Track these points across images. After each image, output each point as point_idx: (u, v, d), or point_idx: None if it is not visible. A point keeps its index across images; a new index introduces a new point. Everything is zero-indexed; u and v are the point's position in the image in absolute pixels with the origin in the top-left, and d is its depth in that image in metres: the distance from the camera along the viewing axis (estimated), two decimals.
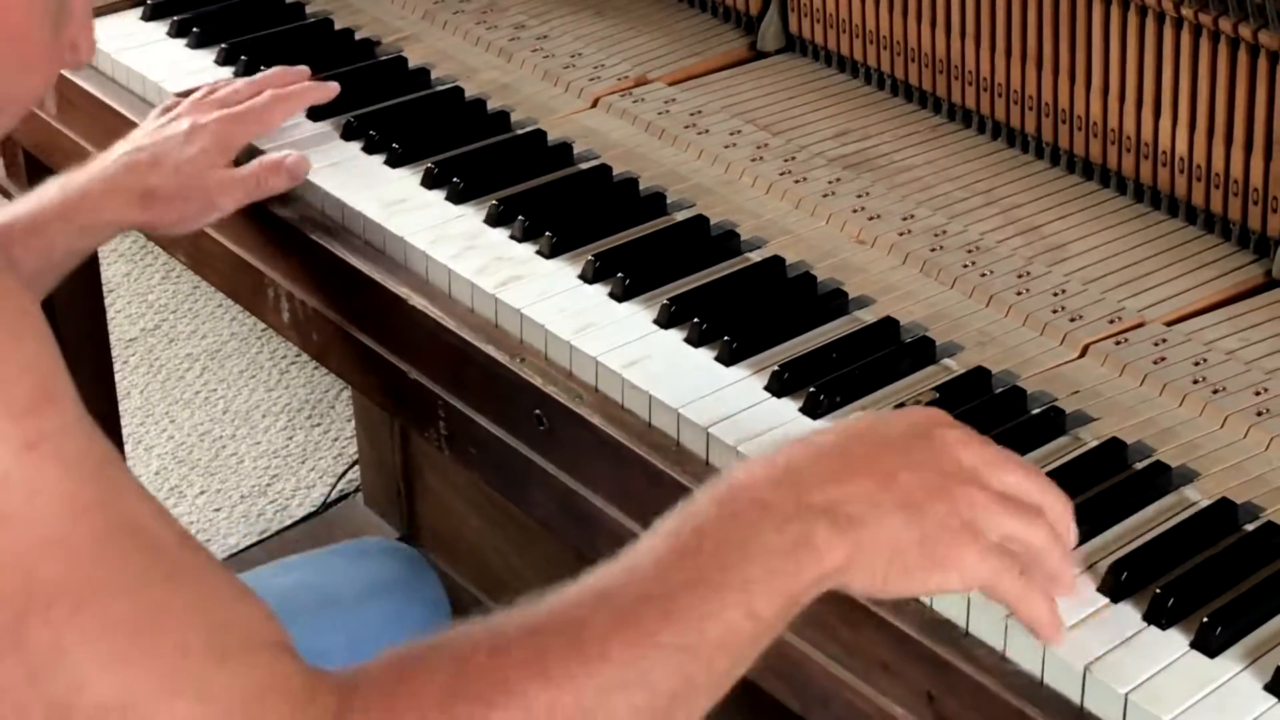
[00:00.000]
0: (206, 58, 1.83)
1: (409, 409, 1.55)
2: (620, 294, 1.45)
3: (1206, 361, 1.36)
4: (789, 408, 1.33)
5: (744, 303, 1.44)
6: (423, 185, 1.61)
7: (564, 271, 1.49)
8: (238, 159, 1.62)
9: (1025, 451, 1.27)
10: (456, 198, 1.59)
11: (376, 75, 1.79)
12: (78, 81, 1.82)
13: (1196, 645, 1.12)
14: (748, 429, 1.30)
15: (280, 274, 1.65)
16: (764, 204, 1.58)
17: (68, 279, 2.17)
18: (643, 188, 1.60)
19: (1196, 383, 1.33)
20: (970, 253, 1.49)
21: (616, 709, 0.95)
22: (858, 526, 1.02)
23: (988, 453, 1.08)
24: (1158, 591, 1.14)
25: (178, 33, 1.88)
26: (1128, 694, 1.09)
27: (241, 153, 1.63)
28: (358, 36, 1.87)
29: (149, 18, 1.91)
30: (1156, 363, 1.36)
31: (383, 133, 1.67)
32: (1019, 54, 1.61)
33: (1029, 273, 1.47)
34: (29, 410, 0.89)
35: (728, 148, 1.65)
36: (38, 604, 0.88)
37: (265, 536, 2.73)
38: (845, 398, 1.33)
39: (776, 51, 1.82)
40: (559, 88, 1.77)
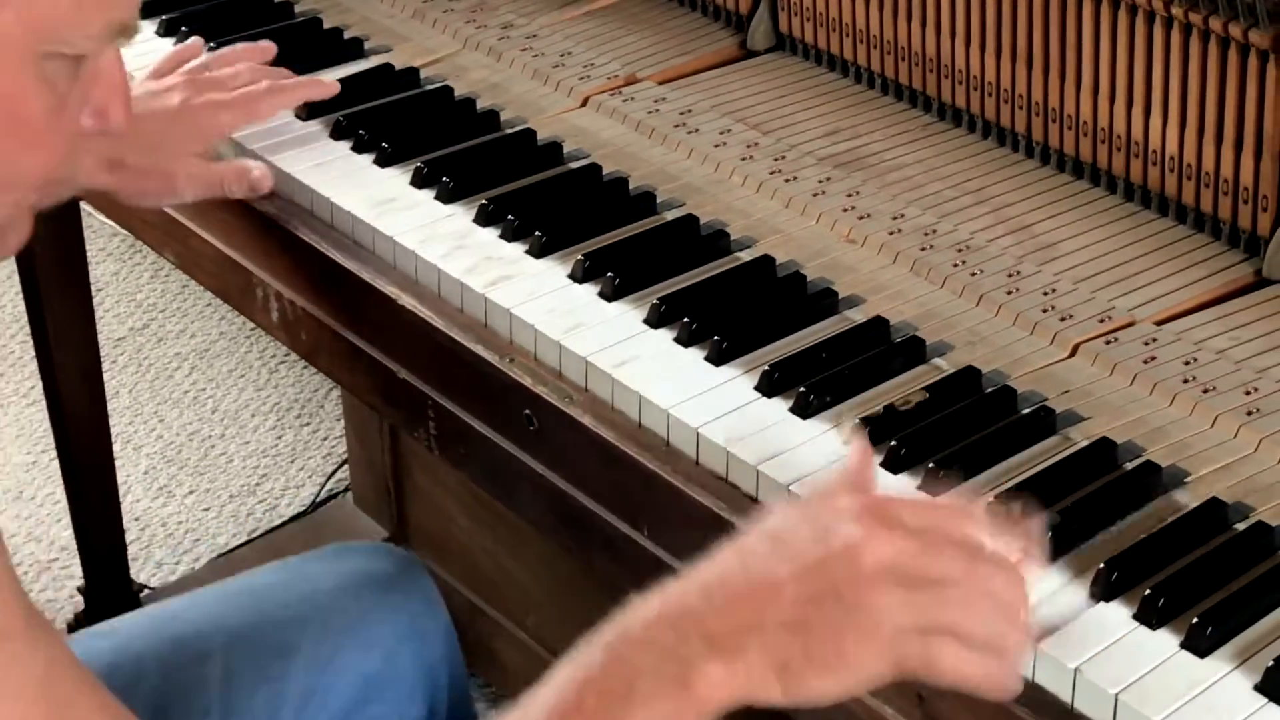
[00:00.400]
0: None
1: (398, 409, 1.55)
2: (610, 294, 1.45)
3: (1197, 361, 1.36)
4: (779, 407, 1.33)
5: (734, 302, 1.43)
6: (412, 185, 1.61)
7: (553, 271, 1.49)
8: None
9: (1015, 451, 1.27)
10: (446, 197, 1.58)
11: (365, 75, 1.79)
12: None
13: (1187, 645, 1.12)
14: (738, 429, 1.30)
15: (269, 273, 1.64)
16: (754, 203, 1.58)
17: (57, 279, 2.17)
18: (632, 187, 1.60)
19: (1187, 382, 1.33)
20: (960, 252, 1.49)
21: None
22: (741, 653, 1.01)
23: (897, 549, 1.04)
24: (1148, 592, 1.14)
25: (166, 32, 1.88)
26: (1118, 694, 1.09)
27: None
28: (346, 35, 1.87)
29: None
30: (1147, 362, 1.36)
31: (372, 132, 1.66)
32: (1009, 53, 1.60)
33: (1019, 272, 1.46)
34: None
35: (718, 147, 1.65)
36: None
37: (254, 536, 2.72)
38: (835, 397, 1.33)
39: (766, 50, 1.82)
40: (548, 87, 1.77)
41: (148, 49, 1.84)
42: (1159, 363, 1.36)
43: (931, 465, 1.24)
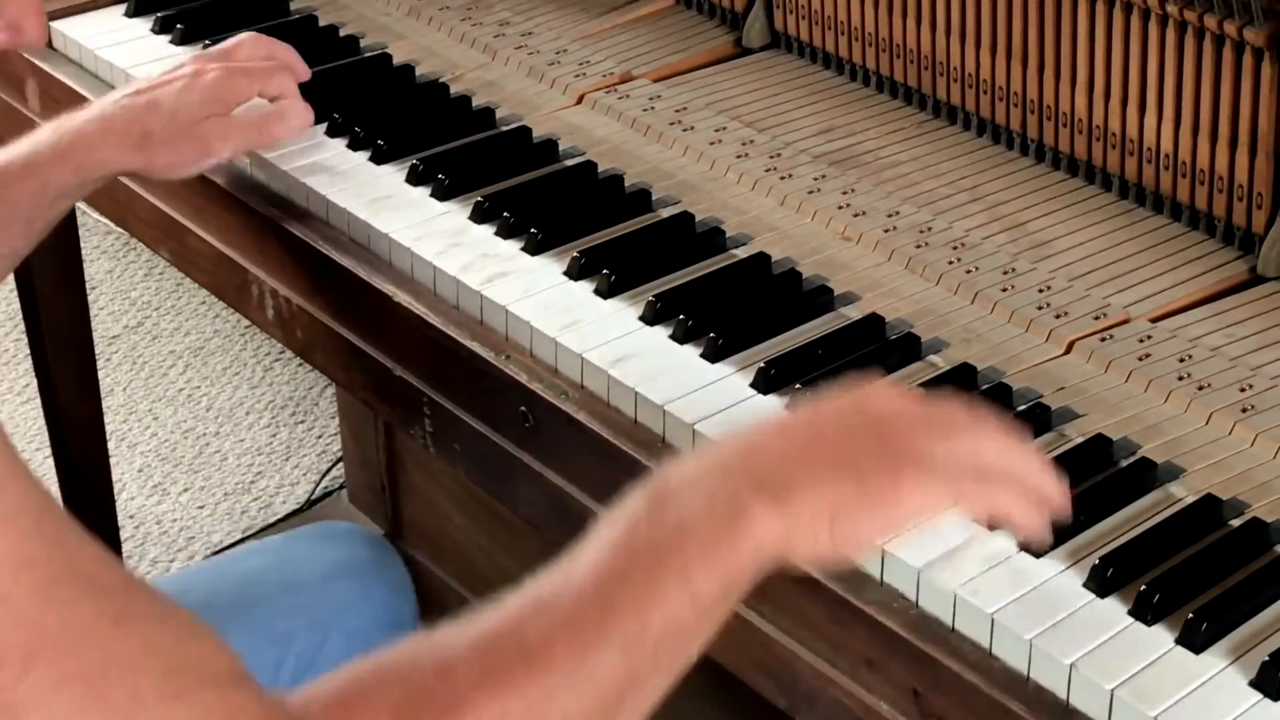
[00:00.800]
0: (190, 54, 1.83)
1: (394, 406, 1.55)
2: (606, 291, 1.45)
3: (1192, 358, 1.36)
4: (775, 405, 1.33)
5: (729, 299, 1.44)
6: (408, 182, 1.61)
7: (549, 268, 1.49)
8: None
9: None
10: (442, 194, 1.58)
11: (361, 72, 1.79)
12: (61, 77, 1.82)
13: (1182, 641, 1.12)
14: (734, 426, 1.30)
15: (264, 271, 1.64)
16: (749, 201, 1.58)
17: (52, 276, 2.17)
18: (628, 184, 1.60)
19: (1182, 379, 1.34)
20: (955, 249, 1.49)
21: (566, 708, 0.95)
22: (791, 492, 1.01)
23: (930, 413, 1.08)
24: (1143, 588, 1.14)
25: (161, 29, 1.88)
26: (1114, 690, 1.09)
27: None
28: (342, 33, 1.87)
29: (132, 14, 1.91)
30: (1142, 359, 1.36)
31: (368, 129, 1.66)
32: (1005, 51, 1.61)
33: (1014, 269, 1.47)
34: None
35: (713, 144, 1.65)
36: None
37: (249, 534, 2.72)
38: None
39: (762, 48, 1.82)
40: (544, 84, 1.77)
41: (142, 46, 1.85)
42: (1154, 360, 1.36)
43: None
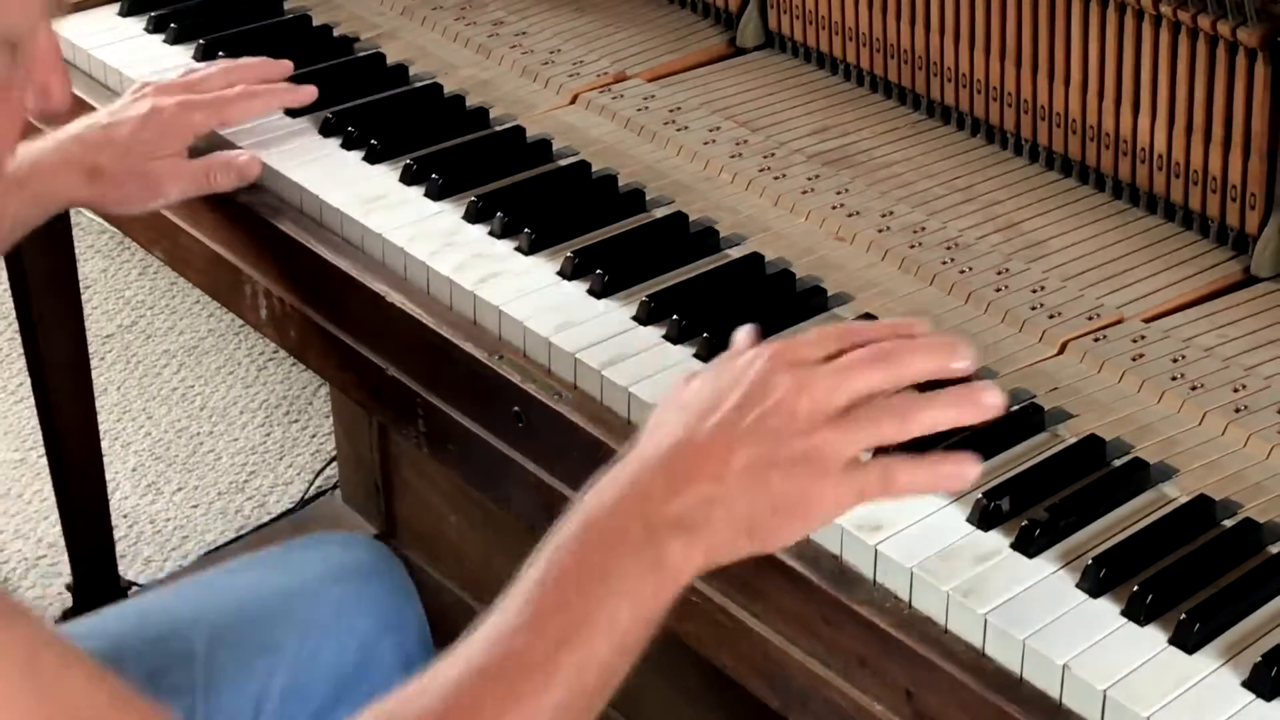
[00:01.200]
0: (184, 54, 1.83)
1: (387, 406, 1.55)
2: (599, 291, 1.45)
3: (1185, 358, 1.36)
4: None
5: (723, 300, 1.43)
6: (401, 182, 1.61)
7: (543, 268, 1.49)
8: (200, 149, 1.62)
9: (1004, 448, 1.27)
10: (435, 194, 1.58)
11: (354, 71, 1.79)
12: None
13: (1175, 642, 1.12)
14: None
15: (258, 271, 1.64)
16: (743, 201, 1.58)
17: (45, 276, 2.17)
18: (622, 184, 1.60)
19: (1175, 379, 1.34)
20: (949, 249, 1.49)
21: None
22: (705, 528, 1.07)
23: (821, 385, 1.09)
24: (1136, 588, 1.14)
25: (155, 28, 1.87)
26: (1106, 690, 1.09)
27: (204, 141, 1.63)
28: (336, 33, 1.87)
29: (126, 13, 1.91)
30: (1135, 359, 1.36)
31: (361, 129, 1.66)
32: (998, 50, 1.61)
33: (1008, 269, 1.47)
34: None
35: (707, 144, 1.65)
36: None
37: (243, 533, 2.72)
38: None
39: (756, 48, 1.82)
40: (538, 84, 1.77)
41: (136, 46, 1.84)
42: (1147, 360, 1.36)
43: None
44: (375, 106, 1.72)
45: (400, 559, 1.65)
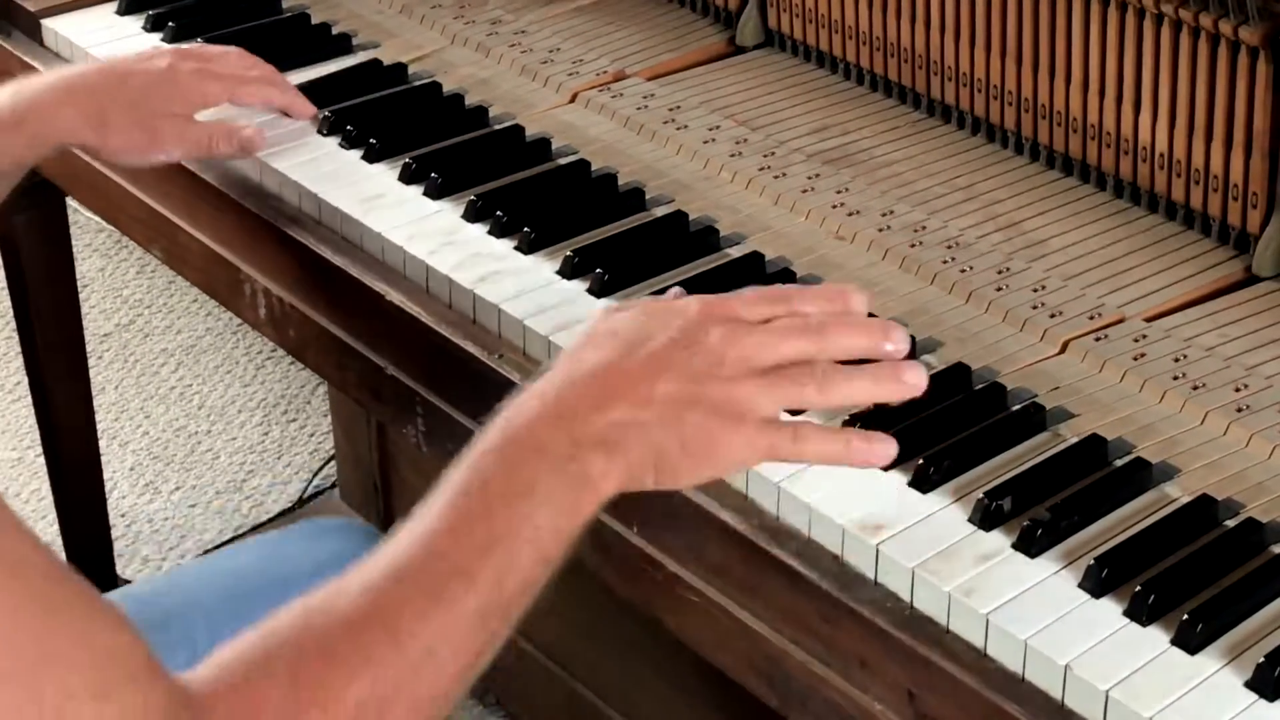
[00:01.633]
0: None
1: (386, 405, 1.54)
2: (599, 290, 1.45)
3: (1186, 358, 1.36)
4: None
5: None
6: (400, 181, 1.60)
7: (542, 267, 1.49)
8: None
9: (1005, 448, 1.27)
10: (434, 193, 1.58)
11: (353, 70, 1.79)
12: None
13: (1177, 642, 1.11)
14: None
15: (257, 269, 1.64)
16: (743, 199, 1.57)
17: (43, 274, 2.16)
18: (621, 183, 1.60)
19: (1176, 379, 1.33)
20: (950, 248, 1.49)
21: (432, 681, 1.03)
22: (624, 448, 1.09)
23: (750, 341, 1.12)
24: (1138, 588, 1.14)
25: (154, 27, 1.87)
26: (1109, 690, 1.09)
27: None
28: (334, 31, 1.87)
29: (125, 11, 1.90)
30: (1136, 359, 1.36)
31: (360, 128, 1.66)
32: (999, 49, 1.60)
33: (1009, 269, 1.46)
34: None
35: (706, 143, 1.64)
36: None
37: (241, 532, 2.72)
38: None
39: (755, 46, 1.82)
40: (537, 83, 1.76)
41: (134, 44, 1.84)
42: (1149, 359, 1.36)
43: (921, 461, 1.24)
44: (374, 105, 1.72)
45: None
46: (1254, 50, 1.42)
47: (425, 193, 1.58)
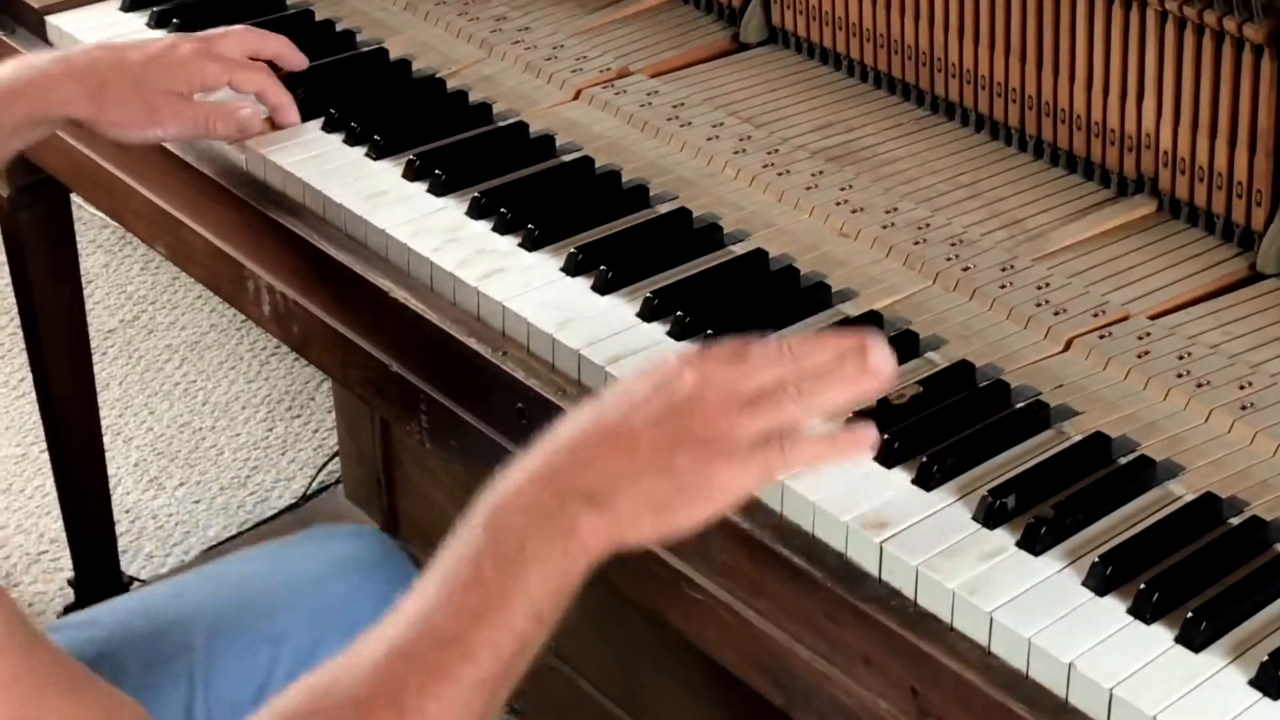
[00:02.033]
0: None
1: (390, 402, 1.54)
2: (603, 287, 1.45)
3: (1191, 355, 1.36)
4: None
5: (727, 296, 1.43)
6: (404, 178, 1.60)
7: (546, 264, 1.49)
8: None
9: (1009, 446, 1.27)
10: (438, 190, 1.58)
11: (358, 67, 1.79)
12: None
13: (1181, 640, 1.11)
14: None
15: (261, 266, 1.64)
16: (747, 197, 1.57)
17: (47, 270, 2.16)
18: (625, 180, 1.60)
19: (1181, 377, 1.33)
20: (954, 246, 1.49)
21: None
22: (612, 500, 1.09)
23: (726, 375, 1.13)
24: (1142, 586, 1.14)
25: (158, 23, 1.87)
26: (1112, 689, 1.09)
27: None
28: (339, 28, 1.87)
29: (127, 8, 1.90)
30: (1141, 357, 1.36)
31: (364, 125, 1.66)
32: (1003, 47, 1.60)
33: (1013, 266, 1.46)
34: None
35: (710, 140, 1.64)
36: None
37: (245, 528, 2.72)
38: None
39: (759, 44, 1.82)
40: (541, 80, 1.76)
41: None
42: (1153, 357, 1.35)
43: (925, 459, 1.24)
44: (377, 101, 1.71)
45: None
46: (1258, 48, 1.42)
47: (429, 189, 1.58)
